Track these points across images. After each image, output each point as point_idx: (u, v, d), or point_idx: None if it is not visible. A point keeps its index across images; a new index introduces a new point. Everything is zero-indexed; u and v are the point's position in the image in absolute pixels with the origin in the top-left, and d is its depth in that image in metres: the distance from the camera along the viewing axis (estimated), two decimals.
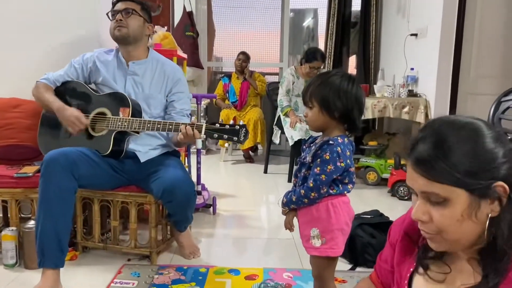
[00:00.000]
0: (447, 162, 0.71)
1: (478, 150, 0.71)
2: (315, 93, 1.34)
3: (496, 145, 0.72)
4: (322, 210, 1.35)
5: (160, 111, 2.11)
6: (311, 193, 1.33)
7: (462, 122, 0.75)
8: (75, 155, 1.82)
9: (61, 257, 1.76)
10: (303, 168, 1.40)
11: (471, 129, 0.73)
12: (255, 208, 3.20)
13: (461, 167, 0.70)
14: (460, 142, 0.72)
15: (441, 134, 0.74)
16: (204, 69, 5.25)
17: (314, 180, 1.32)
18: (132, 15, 2.02)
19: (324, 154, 1.31)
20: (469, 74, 3.53)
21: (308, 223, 1.38)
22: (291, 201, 1.40)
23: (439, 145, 0.72)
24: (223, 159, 4.81)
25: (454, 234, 0.74)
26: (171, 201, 1.94)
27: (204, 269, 2.01)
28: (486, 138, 0.72)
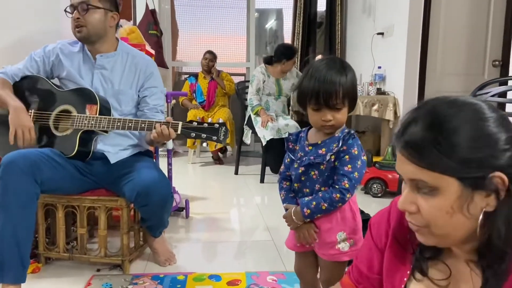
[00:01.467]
0: (440, 146, 0.63)
1: (478, 134, 0.63)
2: (349, 92, 1.17)
3: (499, 130, 0.63)
4: (346, 210, 1.24)
5: (131, 107, 1.95)
6: (348, 194, 1.19)
7: (462, 101, 0.66)
8: (36, 157, 1.64)
9: (22, 271, 1.57)
10: (313, 169, 1.24)
11: (472, 110, 0.65)
12: (228, 210, 3.09)
13: (455, 153, 0.62)
14: (459, 124, 0.63)
15: (436, 114, 0.65)
16: (168, 68, 5.08)
17: (349, 179, 1.18)
18: (89, 10, 1.82)
19: (353, 149, 1.18)
20: (435, 71, 3.60)
21: (333, 229, 1.24)
22: (319, 210, 1.21)
23: (433, 127, 0.64)
24: (191, 161, 4.66)
25: (442, 228, 0.66)
26: (147, 204, 1.79)
27: (182, 277, 1.88)
28: (488, 121, 0.64)
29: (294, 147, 1.31)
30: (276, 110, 3.87)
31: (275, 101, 3.90)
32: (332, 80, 1.15)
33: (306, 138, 1.28)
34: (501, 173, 0.62)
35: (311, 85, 1.18)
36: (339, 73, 1.17)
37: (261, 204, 3.17)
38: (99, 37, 1.88)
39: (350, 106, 1.21)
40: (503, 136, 0.63)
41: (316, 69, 1.19)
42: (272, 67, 3.86)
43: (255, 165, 4.44)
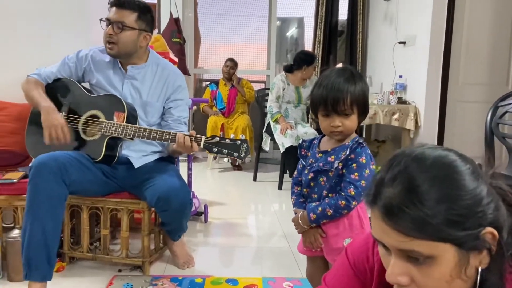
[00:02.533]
0: (425, 211, 0.57)
1: (457, 191, 0.58)
2: (357, 99, 1.21)
3: (477, 183, 0.60)
4: (354, 217, 1.26)
5: (156, 118, 2.02)
6: (353, 202, 1.22)
7: (432, 157, 0.62)
8: (65, 159, 1.71)
9: (49, 269, 1.64)
10: (321, 176, 1.28)
11: (443, 166, 0.61)
12: (246, 216, 3.13)
13: (441, 217, 0.57)
14: (434, 184, 0.58)
15: (410, 175, 0.60)
16: (190, 75, 5.18)
17: (355, 187, 1.21)
18: (124, 30, 1.86)
19: (360, 158, 1.22)
20: (457, 81, 3.57)
21: (340, 235, 1.27)
22: (325, 215, 1.25)
23: (411, 190, 0.59)
24: (210, 167, 4.72)
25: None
26: (167, 209, 1.84)
27: (200, 280, 1.92)
28: (464, 175, 0.60)
29: (307, 154, 1.35)
30: (295, 118, 3.90)
31: (295, 109, 3.93)
32: (340, 87, 1.20)
33: (318, 146, 1.32)
34: (491, 228, 0.59)
35: (319, 92, 1.23)
36: (348, 80, 1.21)
37: (279, 210, 3.19)
38: (128, 55, 1.95)
39: (361, 114, 1.24)
40: (484, 188, 0.60)
41: (325, 77, 1.25)
42: (292, 75, 3.90)
43: (273, 172, 4.47)
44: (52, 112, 1.84)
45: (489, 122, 2.18)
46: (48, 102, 1.87)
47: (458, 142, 3.56)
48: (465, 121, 3.56)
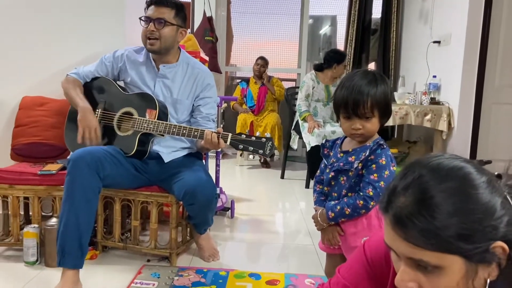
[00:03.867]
0: (435, 223, 0.58)
1: (471, 205, 0.58)
2: (378, 102, 1.23)
3: (492, 196, 0.59)
4: (372, 217, 1.28)
5: (186, 116, 2.10)
6: (371, 202, 1.24)
7: (447, 168, 0.62)
8: (101, 154, 1.81)
9: (80, 258, 1.74)
10: (342, 175, 1.31)
11: (459, 178, 0.60)
12: (273, 213, 3.17)
13: (451, 230, 0.58)
14: (447, 197, 0.59)
15: (422, 185, 0.60)
16: (222, 73, 5.26)
17: (373, 188, 1.23)
18: (165, 25, 1.96)
19: (380, 159, 1.24)
20: (493, 83, 3.46)
21: (359, 234, 1.29)
22: (343, 214, 1.27)
23: (422, 201, 0.59)
24: (239, 163, 4.79)
25: None
26: (193, 203, 1.92)
27: (224, 273, 1.98)
28: (478, 188, 0.60)
29: (329, 153, 1.38)
30: (324, 117, 3.90)
31: (324, 108, 3.93)
32: (361, 90, 1.21)
33: (340, 146, 1.35)
34: (502, 242, 0.59)
35: (341, 94, 1.25)
36: (370, 83, 1.22)
37: (305, 209, 3.21)
38: (167, 50, 2.04)
39: (382, 116, 1.25)
40: (498, 201, 0.60)
41: (347, 79, 1.26)
42: (322, 73, 3.89)
43: (301, 170, 4.48)
44: (88, 113, 1.94)
45: None
46: (85, 103, 1.98)
47: (492, 145, 3.45)
48: (501, 123, 3.44)
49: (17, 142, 2.29)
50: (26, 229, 1.97)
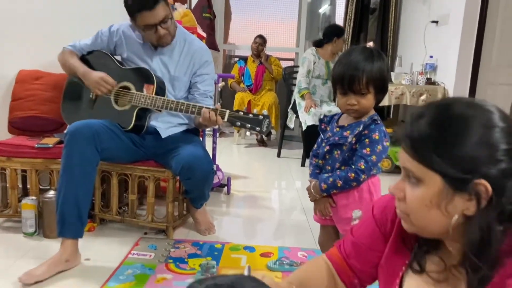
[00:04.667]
0: (434, 143, 0.63)
1: (479, 139, 0.61)
2: (373, 78, 1.23)
3: (502, 140, 0.62)
4: (364, 190, 1.32)
5: (183, 92, 2.11)
6: (362, 176, 1.27)
7: (479, 105, 0.66)
8: (98, 127, 1.83)
9: (80, 227, 1.77)
10: (336, 149, 1.34)
11: (484, 114, 0.64)
12: (268, 190, 3.21)
13: (447, 152, 0.62)
14: (464, 125, 0.62)
15: (447, 112, 0.65)
16: (220, 51, 5.23)
17: (365, 161, 1.26)
18: (171, 21, 1.94)
19: (373, 134, 1.26)
20: (490, 63, 3.47)
21: (350, 206, 1.33)
22: (334, 186, 1.31)
23: (438, 124, 0.64)
24: (236, 142, 4.82)
25: (419, 219, 0.68)
26: (190, 178, 1.94)
27: (220, 245, 2.03)
28: (494, 129, 0.62)
29: (326, 128, 1.41)
30: (322, 95, 3.88)
31: (322, 86, 3.91)
32: (357, 66, 1.23)
33: (337, 121, 1.37)
34: (486, 182, 0.61)
35: (338, 70, 1.27)
36: (366, 60, 1.23)
37: (301, 187, 3.26)
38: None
39: (378, 93, 1.27)
40: (503, 146, 0.62)
41: (345, 55, 1.28)
42: (322, 49, 3.87)
43: (297, 149, 4.52)
44: (90, 73, 1.97)
45: None
46: (84, 67, 2.01)
47: None
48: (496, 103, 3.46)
49: (14, 115, 2.31)
50: (24, 201, 2.00)
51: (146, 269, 1.76)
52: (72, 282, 1.66)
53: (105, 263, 1.80)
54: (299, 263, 1.85)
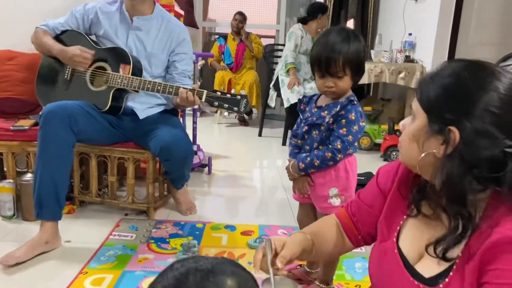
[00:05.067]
0: (432, 89, 0.71)
1: (464, 93, 0.67)
2: (350, 61, 1.25)
3: (490, 103, 0.65)
4: (341, 169, 1.35)
5: (161, 70, 2.08)
6: (339, 155, 1.30)
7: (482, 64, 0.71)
8: (73, 109, 1.80)
9: (58, 209, 1.76)
10: (314, 129, 1.36)
11: (484, 74, 0.68)
12: (249, 169, 3.24)
13: (437, 97, 0.70)
14: (458, 80, 0.69)
15: (455, 68, 0.71)
16: (199, 29, 5.14)
17: (342, 141, 1.29)
18: None
19: (350, 114, 1.28)
20: (467, 40, 3.51)
21: (327, 184, 1.36)
22: (312, 165, 1.34)
23: (441, 75, 0.71)
24: (217, 121, 4.81)
25: (403, 150, 0.77)
26: (169, 159, 1.95)
27: (201, 225, 2.05)
28: (487, 91, 0.66)
29: (305, 108, 1.42)
30: (306, 73, 3.85)
31: (307, 64, 3.88)
32: (333, 48, 1.24)
33: (316, 101, 1.39)
34: (457, 132, 0.67)
35: (315, 52, 1.29)
36: (343, 42, 1.24)
37: (282, 166, 3.28)
38: None
39: (355, 74, 1.29)
40: (488, 108, 0.65)
41: (323, 36, 1.30)
42: (307, 26, 3.85)
43: (279, 128, 4.54)
44: (65, 50, 1.93)
45: None
46: (58, 45, 1.96)
47: None
48: None
49: None
50: (1, 184, 1.98)
51: (128, 250, 1.77)
52: (53, 263, 1.66)
53: (86, 244, 1.81)
54: None
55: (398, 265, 0.78)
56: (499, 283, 0.61)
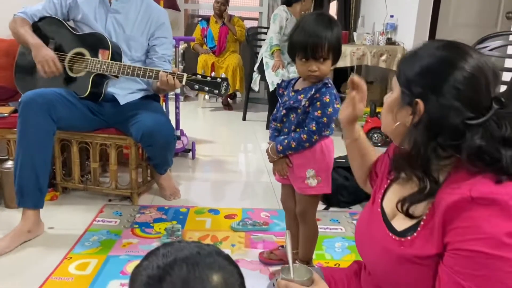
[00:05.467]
0: (406, 64, 0.79)
1: (434, 69, 0.74)
2: (333, 45, 1.30)
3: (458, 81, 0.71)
4: (317, 151, 1.39)
5: (141, 54, 2.07)
6: (314, 137, 1.35)
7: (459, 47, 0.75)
8: (52, 96, 1.79)
9: (40, 197, 1.77)
10: (292, 113, 1.40)
11: (455, 53, 0.73)
12: (233, 154, 3.26)
13: (409, 72, 0.77)
14: (429, 55, 0.75)
15: (430, 46, 0.78)
16: (180, 11, 5.07)
17: (316, 123, 1.33)
18: None
19: (324, 97, 1.32)
20: (447, 22, 3.55)
21: (304, 165, 1.40)
22: (289, 147, 1.38)
23: (415, 53, 0.78)
24: (201, 106, 4.79)
25: (383, 119, 0.86)
26: (151, 144, 1.95)
27: (185, 209, 2.08)
28: (454, 69, 0.71)
29: (283, 92, 1.45)
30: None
31: None
32: (319, 35, 1.28)
33: (293, 85, 1.41)
34: (422, 104, 0.74)
35: (300, 38, 1.31)
36: (326, 28, 1.29)
37: None
38: None
39: (334, 59, 1.33)
40: (455, 84, 0.71)
41: (304, 22, 1.32)
42: (292, 8, 3.82)
43: (263, 111, 4.54)
44: (41, 48, 1.88)
45: None
46: (36, 39, 1.91)
47: None
48: None
49: None
50: None
51: (112, 235, 1.79)
52: (37, 250, 1.68)
53: (69, 231, 1.82)
54: (261, 223, 1.93)
55: (378, 220, 0.86)
56: (460, 240, 0.67)
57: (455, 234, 0.68)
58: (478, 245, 0.65)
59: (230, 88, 4.34)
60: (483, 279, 0.65)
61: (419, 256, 0.74)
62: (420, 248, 0.74)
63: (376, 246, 0.85)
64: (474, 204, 0.66)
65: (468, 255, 0.66)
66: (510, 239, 0.64)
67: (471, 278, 0.66)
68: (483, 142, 0.70)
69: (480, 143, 0.70)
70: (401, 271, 0.78)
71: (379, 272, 0.86)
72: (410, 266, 0.76)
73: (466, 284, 0.66)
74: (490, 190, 0.67)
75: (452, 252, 0.68)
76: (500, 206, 0.65)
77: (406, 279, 0.77)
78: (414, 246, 0.75)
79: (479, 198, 0.66)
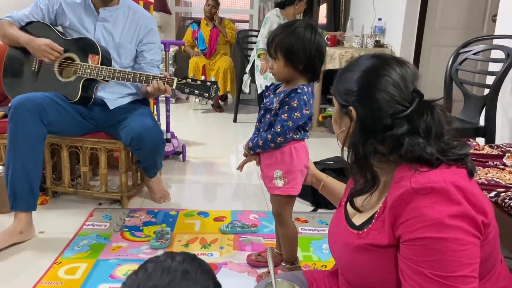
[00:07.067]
0: (337, 80, 0.89)
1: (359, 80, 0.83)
2: (280, 46, 1.36)
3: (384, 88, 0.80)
4: (286, 153, 1.43)
5: (130, 61, 2.09)
6: (278, 138, 1.40)
7: (380, 57, 0.85)
8: (42, 100, 1.80)
9: (33, 200, 1.78)
10: (267, 114, 1.46)
11: (376, 62, 0.83)
12: (225, 156, 3.28)
13: (338, 85, 0.88)
14: (352, 69, 0.85)
15: (354, 61, 0.88)
16: (172, 14, 5.09)
17: (281, 126, 1.38)
18: None
19: (292, 101, 1.37)
20: (434, 25, 3.61)
21: (272, 165, 1.46)
22: (257, 145, 1.45)
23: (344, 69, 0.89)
24: (192, 108, 4.81)
25: (334, 128, 0.94)
26: (140, 148, 1.97)
27: (174, 212, 2.10)
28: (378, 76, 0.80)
29: (269, 94, 1.49)
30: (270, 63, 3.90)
31: None
32: (273, 35, 1.40)
33: (277, 89, 1.46)
34: (354, 110, 0.83)
35: None
36: (283, 31, 1.38)
37: None
38: None
39: (287, 62, 1.37)
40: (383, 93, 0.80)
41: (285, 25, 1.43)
42: (285, 10, 3.85)
43: (254, 113, 4.58)
44: (34, 40, 1.91)
45: (449, 67, 2.28)
46: (27, 36, 1.94)
47: (431, 85, 3.66)
48: (439, 65, 3.63)
49: None
50: None
51: (101, 239, 1.81)
52: (27, 254, 1.69)
53: (60, 235, 1.83)
54: (250, 225, 1.96)
55: (342, 220, 0.94)
56: (410, 231, 0.72)
57: (405, 227, 0.73)
58: (427, 232, 0.70)
59: (221, 90, 4.40)
60: (439, 262, 0.70)
61: (374, 245, 0.80)
62: (375, 238, 0.81)
63: (340, 242, 0.92)
64: (416, 195, 0.72)
65: (420, 243, 0.71)
66: (452, 220, 0.69)
67: (429, 264, 0.70)
68: (404, 131, 0.77)
69: (401, 132, 0.77)
70: (361, 261, 0.84)
71: (345, 266, 0.93)
72: (368, 255, 0.82)
73: (427, 271, 0.70)
74: (428, 179, 0.72)
75: (406, 244, 0.73)
76: (439, 193, 0.70)
77: (367, 268, 0.83)
78: (369, 236, 0.82)
79: (419, 188, 0.72)
